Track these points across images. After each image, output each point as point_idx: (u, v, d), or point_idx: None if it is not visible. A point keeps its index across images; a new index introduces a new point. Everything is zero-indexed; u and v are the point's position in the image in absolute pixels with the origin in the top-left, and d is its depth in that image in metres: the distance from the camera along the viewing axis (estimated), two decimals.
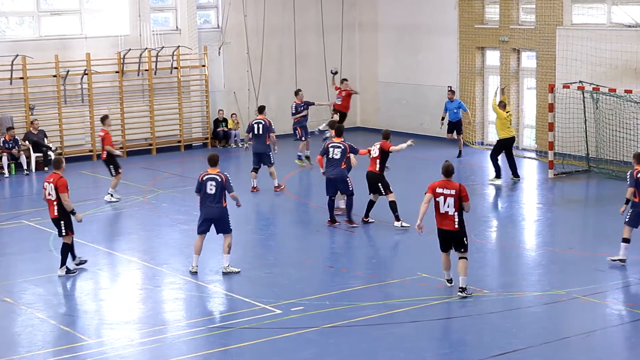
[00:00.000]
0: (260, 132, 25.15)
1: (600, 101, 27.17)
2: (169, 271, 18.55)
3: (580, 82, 26.87)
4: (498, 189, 25.63)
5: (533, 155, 29.99)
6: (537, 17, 29.71)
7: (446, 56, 32.71)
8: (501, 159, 26.11)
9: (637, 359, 13.94)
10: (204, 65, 32.95)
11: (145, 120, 32.11)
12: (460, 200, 16.09)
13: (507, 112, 26.02)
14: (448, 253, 16.69)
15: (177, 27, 32.85)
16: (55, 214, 18.09)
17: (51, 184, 18.02)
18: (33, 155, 29.34)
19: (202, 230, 18.21)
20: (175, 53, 32.13)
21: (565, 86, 26.82)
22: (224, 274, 18.05)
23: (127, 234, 21.90)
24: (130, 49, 31.35)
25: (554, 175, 26.70)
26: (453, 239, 16.37)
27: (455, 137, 30.31)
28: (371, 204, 21.57)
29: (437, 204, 16.25)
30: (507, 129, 25.99)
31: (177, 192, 25.42)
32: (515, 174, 26.15)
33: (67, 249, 18.31)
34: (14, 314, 16.32)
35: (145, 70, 31.87)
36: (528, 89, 30.88)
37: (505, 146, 26.09)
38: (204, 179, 18.01)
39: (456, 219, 16.14)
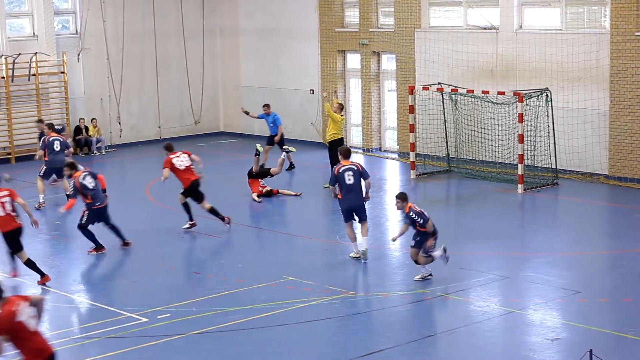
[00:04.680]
0: (59, 148, 24.80)
1: (458, 102, 27.77)
2: (30, 282, 18.14)
3: (439, 83, 27.41)
4: None
5: (395, 156, 30.43)
6: (395, 20, 30.16)
7: (307, 60, 32.92)
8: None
9: (500, 353, 14.28)
10: (63, 72, 32.37)
11: (4, 129, 31.35)
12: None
13: (342, 116, 26.22)
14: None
15: (34, 33, 32.17)
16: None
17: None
18: None
19: (349, 219, 18.92)
20: (32, 60, 31.47)
21: (425, 88, 27.30)
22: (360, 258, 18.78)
23: None
24: None
25: (416, 175, 27.16)
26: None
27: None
28: (187, 207, 21.88)
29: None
30: (336, 131, 26.06)
31: (36, 202, 24.85)
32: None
33: None
34: None
35: (2, 77, 31.13)
36: (389, 91, 31.33)
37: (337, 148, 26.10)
38: (341, 170, 18.60)
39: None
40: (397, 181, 27.37)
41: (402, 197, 17.41)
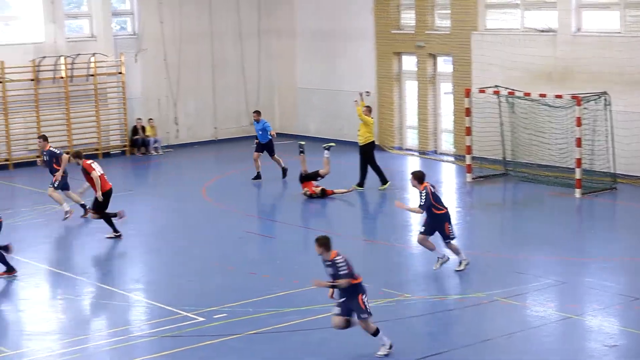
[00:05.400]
0: (47, 158, 23.79)
1: (515, 105, 27.58)
2: (89, 280, 18.34)
3: (495, 86, 27.24)
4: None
5: (451, 159, 30.30)
6: (452, 22, 30.05)
7: (363, 62, 32.89)
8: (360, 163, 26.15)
9: (557, 359, 14.16)
10: (120, 73, 32.65)
11: (62, 129, 31.69)
12: None
13: (372, 118, 26.23)
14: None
15: (92, 34, 32.51)
16: None
17: None
18: None
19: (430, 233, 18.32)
20: (91, 60, 31.80)
21: (481, 91, 27.17)
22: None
23: (45, 244, 21.57)
24: (45, 57, 30.95)
25: (472, 179, 27.02)
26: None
27: (261, 159, 27.91)
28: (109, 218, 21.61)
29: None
30: (370, 134, 26.07)
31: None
32: (362, 183, 26.10)
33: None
34: None
35: (61, 77, 31.48)
36: (445, 94, 31.21)
37: (372, 151, 26.23)
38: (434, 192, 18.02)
39: None
40: (452, 184, 27.26)
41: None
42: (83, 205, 23.36)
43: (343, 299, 14.06)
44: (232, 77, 35.43)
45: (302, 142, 26.68)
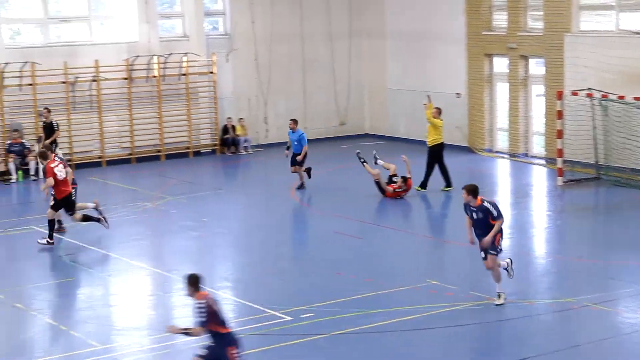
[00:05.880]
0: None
1: (609, 108, 27.13)
2: (178, 277, 18.53)
3: (588, 89, 26.84)
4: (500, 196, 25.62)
5: (542, 162, 29.93)
6: (545, 23, 29.69)
7: (454, 63, 32.68)
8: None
9: None
10: (212, 72, 32.96)
11: (154, 127, 32.11)
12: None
13: (441, 120, 26.06)
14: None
15: (184, 33, 32.88)
16: None
17: None
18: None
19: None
20: (183, 60, 32.17)
21: (574, 93, 26.79)
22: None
23: (136, 240, 21.86)
24: (138, 56, 31.40)
25: (563, 182, 26.64)
26: None
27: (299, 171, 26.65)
28: (52, 224, 20.85)
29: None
30: (439, 136, 25.90)
31: (185, 198, 25.40)
32: (425, 185, 25.88)
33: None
34: (25, 320, 16.34)
35: (154, 76, 31.90)
36: (537, 96, 30.84)
37: (441, 152, 26.04)
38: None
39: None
40: (543, 187, 26.92)
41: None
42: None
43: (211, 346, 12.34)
44: (322, 77, 35.51)
45: (373, 152, 26.32)
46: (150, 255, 20.81)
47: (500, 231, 16.09)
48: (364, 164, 25.63)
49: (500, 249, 16.25)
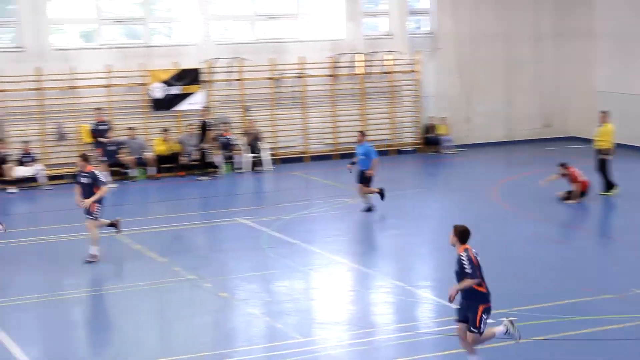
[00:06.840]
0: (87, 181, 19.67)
1: None
2: (378, 274, 18.63)
3: None
4: None
5: None
6: None
7: None
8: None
9: None
10: (415, 71, 32.96)
11: (356, 124, 32.36)
12: None
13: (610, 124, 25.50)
14: None
15: (389, 32, 33.02)
16: None
17: None
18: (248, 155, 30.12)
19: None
20: (386, 58, 32.31)
21: None
22: None
23: (337, 236, 22.09)
24: (342, 53, 31.73)
25: None
26: None
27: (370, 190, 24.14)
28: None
29: None
30: (608, 139, 25.45)
31: (388, 196, 25.44)
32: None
33: None
34: (229, 309, 16.76)
35: (357, 74, 32.17)
36: None
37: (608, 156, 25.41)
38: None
39: None
40: None
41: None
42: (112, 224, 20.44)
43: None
44: (526, 78, 34.99)
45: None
46: (351, 251, 20.98)
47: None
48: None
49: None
